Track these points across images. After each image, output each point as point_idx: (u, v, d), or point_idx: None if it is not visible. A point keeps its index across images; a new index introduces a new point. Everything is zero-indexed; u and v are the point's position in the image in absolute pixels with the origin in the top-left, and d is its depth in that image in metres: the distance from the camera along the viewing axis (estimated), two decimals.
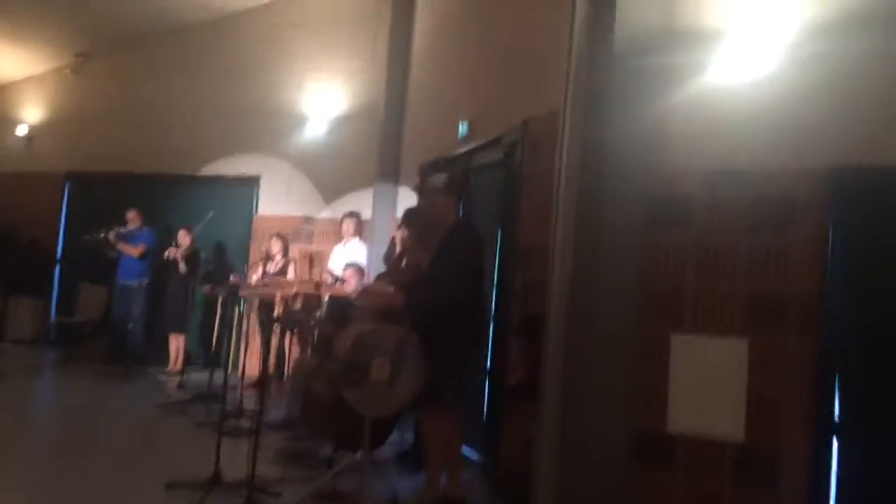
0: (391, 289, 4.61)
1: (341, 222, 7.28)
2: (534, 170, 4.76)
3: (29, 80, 10.42)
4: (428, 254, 4.27)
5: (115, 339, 8.48)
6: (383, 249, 7.56)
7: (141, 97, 9.58)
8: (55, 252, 9.96)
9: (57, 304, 9.93)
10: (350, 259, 6.50)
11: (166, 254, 8.00)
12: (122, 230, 8.20)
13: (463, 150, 6.02)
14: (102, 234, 8.10)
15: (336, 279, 5.41)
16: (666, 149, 3.65)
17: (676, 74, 3.63)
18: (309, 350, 5.81)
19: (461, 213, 4.08)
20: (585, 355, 3.63)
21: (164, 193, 9.26)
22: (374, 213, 7.97)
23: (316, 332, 5.45)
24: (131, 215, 8.31)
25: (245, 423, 5.83)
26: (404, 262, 5.08)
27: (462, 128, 6.04)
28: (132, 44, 9.63)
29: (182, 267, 7.99)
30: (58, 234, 9.98)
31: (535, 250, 4.61)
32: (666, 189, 3.62)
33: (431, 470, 3.90)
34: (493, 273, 5.15)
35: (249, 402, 6.51)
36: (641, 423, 3.54)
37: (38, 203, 10.00)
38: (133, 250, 8.17)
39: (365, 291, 4.70)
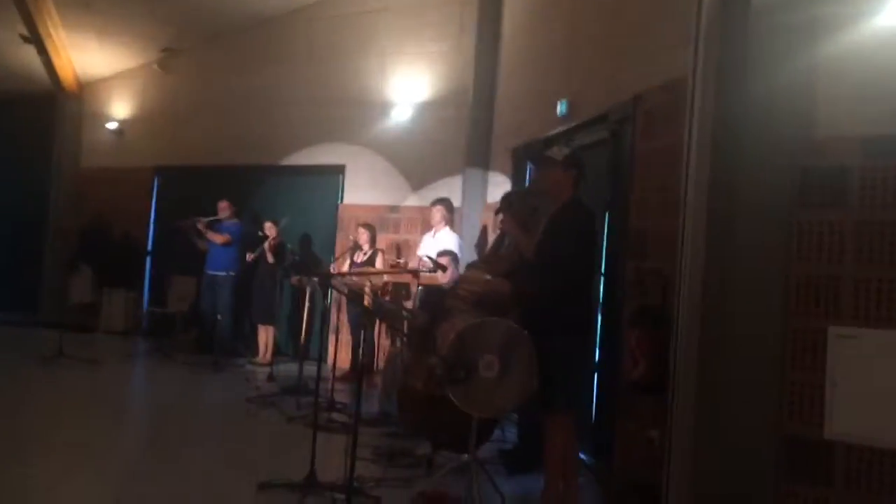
0: (487, 277, 4.29)
1: (431, 210, 6.98)
2: (647, 147, 4.33)
3: (117, 76, 10.55)
4: (531, 239, 3.92)
5: (204, 329, 8.47)
6: (474, 239, 7.26)
7: (226, 89, 9.55)
8: (146, 245, 10.06)
9: (149, 296, 10.03)
10: (443, 247, 6.19)
11: (249, 257, 7.95)
12: (210, 219, 8.16)
13: (562, 129, 5.63)
14: (194, 220, 8.07)
15: (436, 265, 5.10)
16: (814, 114, 3.18)
17: (824, 28, 3.15)
18: (401, 342, 5.53)
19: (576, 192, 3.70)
20: (722, 352, 3.21)
21: (250, 185, 9.21)
22: (463, 200, 7.66)
23: (406, 324, 5.17)
24: (222, 205, 8.24)
25: (338, 417, 5.62)
26: (502, 249, 4.74)
27: (561, 106, 5.65)
28: (217, 37, 9.60)
29: (270, 258, 7.88)
30: (148, 227, 10.07)
31: (649, 235, 4.20)
32: (816, 160, 3.15)
33: (550, 476, 3.55)
34: (601, 260, 4.75)
35: (340, 396, 6.33)
36: (791, 428, 3.09)
37: (128, 197, 10.12)
38: (218, 238, 8.11)
39: (464, 280, 4.38)
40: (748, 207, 3.22)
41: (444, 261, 5.61)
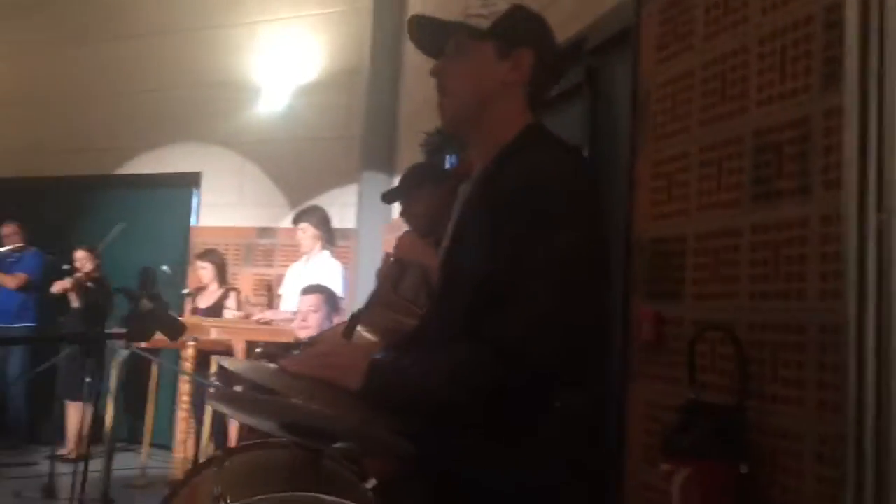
0: (370, 338, 2.12)
1: (296, 229, 4.71)
2: (670, 75, 2.20)
3: None
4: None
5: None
6: (373, 267, 5.04)
7: (45, 76, 7.07)
8: None
9: None
10: (314, 281, 3.91)
11: (55, 287, 5.47)
12: None
13: None
14: None
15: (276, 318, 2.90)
16: None
17: None
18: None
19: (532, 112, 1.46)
20: None
21: (73, 202, 6.74)
22: (360, 216, 5.44)
23: None
24: (8, 230, 5.78)
25: None
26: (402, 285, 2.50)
27: None
28: (36, 4, 7.14)
29: (77, 303, 5.42)
30: None
31: (686, 249, 2.05)
32: None
33: None
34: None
35: None
36: None
37: None
38: (9, 280, 5.64)
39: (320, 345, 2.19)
40: None
41: (311, 301, 3.37)
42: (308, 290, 3.49)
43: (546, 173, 1.25)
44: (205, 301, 5.03)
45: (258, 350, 3.33)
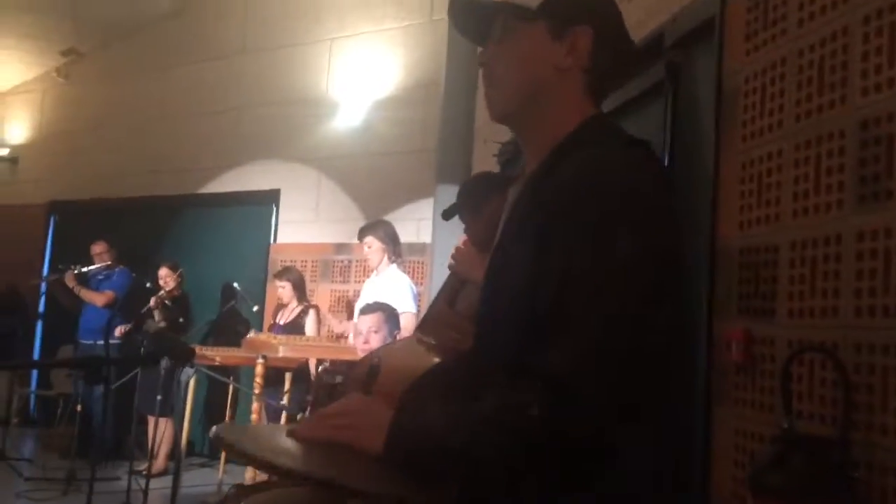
0: (430, 359, 1.93)
1: (361, 246, 4.64)
2: (752, 69, 1.97)
3: (11, 91, 8.40)
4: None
5: (85, 422, 6.09)
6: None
7: (126, 100, 7.35)
8: (37, 304, 7.73)
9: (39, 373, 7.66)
10: (385, 296, 3.80)
11: (120, 330, 5.60)
12: (84, 270, 5.86)
13: None
14: (57, 275, 5.79)
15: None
16: None
17: None
18: None
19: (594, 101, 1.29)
20: None
21: (157, 222, 6.93)
22: (434, 231, 5.33)
23: None
24: (98, 249, 5.97)
25: None
26: (458, 302, 2.35)
27: None
28: (136, 30, 7.40)
29: (158, 319, 5.51)
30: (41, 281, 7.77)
31: (778, 260, 1.81)
32: None
33: None
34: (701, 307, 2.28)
35: None
36: None
37: (18, 242, 7.84)
38: (98, 297, 5.80)
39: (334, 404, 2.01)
40: None
41: (370, 321, 3.26)
42: (366, 310, 3.36)
43: (603, 171, 1.07)
44: (284, 317, 5.02)
45: (322, 368, 3.24)
